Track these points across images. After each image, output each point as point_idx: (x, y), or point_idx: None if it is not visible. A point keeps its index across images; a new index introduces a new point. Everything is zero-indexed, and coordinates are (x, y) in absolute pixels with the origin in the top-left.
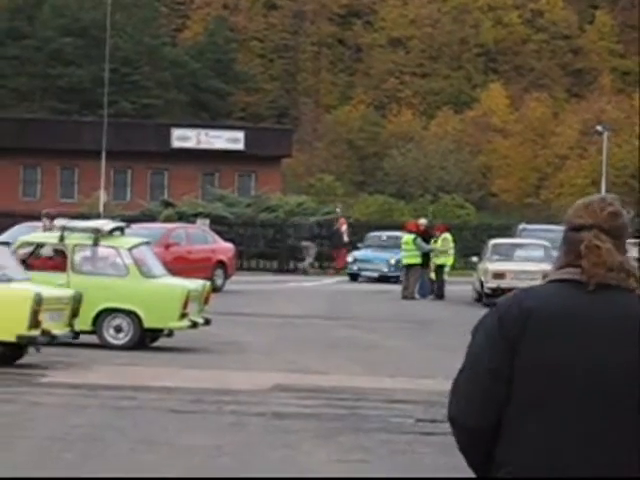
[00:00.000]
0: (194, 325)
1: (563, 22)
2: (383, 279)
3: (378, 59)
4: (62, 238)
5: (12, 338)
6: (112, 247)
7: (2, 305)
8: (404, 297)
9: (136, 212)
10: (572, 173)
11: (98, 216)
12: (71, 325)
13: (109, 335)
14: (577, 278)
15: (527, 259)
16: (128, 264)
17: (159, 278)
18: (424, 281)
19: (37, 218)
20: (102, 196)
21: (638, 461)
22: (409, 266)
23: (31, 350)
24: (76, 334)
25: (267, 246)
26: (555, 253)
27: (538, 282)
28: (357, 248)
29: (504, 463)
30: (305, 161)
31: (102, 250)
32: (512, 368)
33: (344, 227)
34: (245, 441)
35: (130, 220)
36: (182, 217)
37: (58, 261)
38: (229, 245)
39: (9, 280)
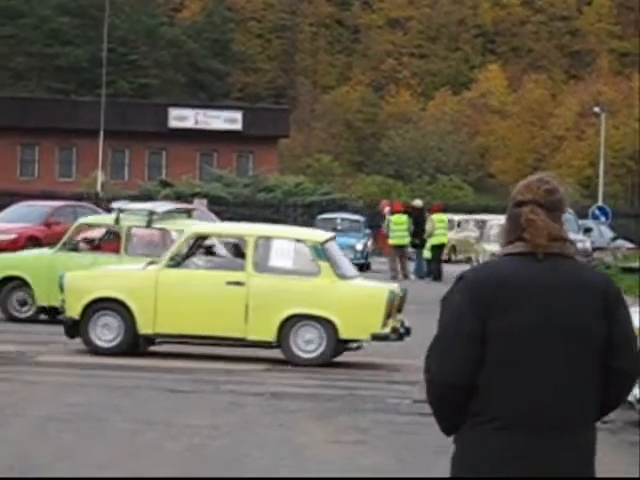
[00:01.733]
0: None
1: (561, 3)
2: None
3: (376, 40)
4: (117, 220)
5: (367, 337)
6: (163, 229)
7: (361, 303)
8: (393, 278)
9: (134, 192)
10: (570, 154)
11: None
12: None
13: None
14: (526, 250)
15: None
16: (178, 247)
17: None
18: (420, 262)
19: (35, 197)
20: (100, 176)
21: (596, 404)
22: (399, 247)
23: (25, 329)
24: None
25: None
26: None
27: None
28: None
29: (478, 412)
30: (303, 141)
31: (154, 232)
32: (484, 332)
33: (387, 208)
34: (243, 421)
35: (128, 200)
36: (180, 197)
37: (113, 243)
38: None
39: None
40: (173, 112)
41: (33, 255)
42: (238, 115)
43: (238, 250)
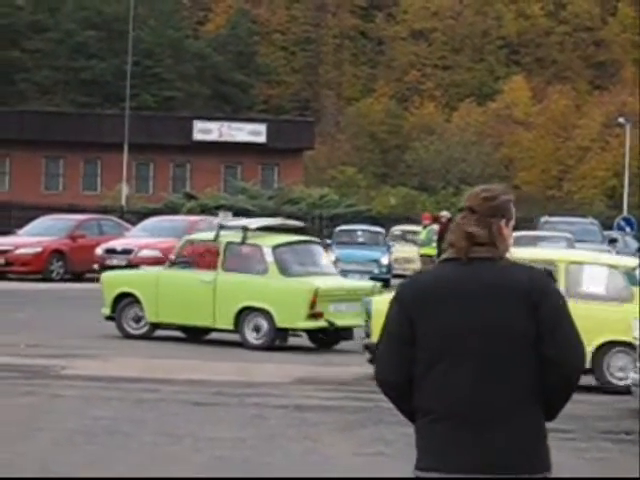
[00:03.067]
0: (331, 325)
1: (585, 14)
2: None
3: (400, 51)
4: (217, 237)
5: None
6: (256, 245)
7: None
8: None
9: (159, 205)
10: (594, 165)
11: (121, 209)
12: None
13: (249, 334)
14: (453, 256)
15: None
16: (269, 262)
17: (297, 277)
18: None
19: (60, 210)
20: (124, 189)
21: (529, 397)
22: (430, 256)
23: (48, 342)
24: None
25: None
26: (578, 245)
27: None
28: (328, 245)
29: (418, 407)
30: (327, 153)
31: (248, 248)
32: (413, 334)
33: (427, 221)
34: (267, 433)
35: (153, 213)
36: (205, 210)
37: (213, 259)
38: None
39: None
40: (197, 125)
41: (144, 272)
42: (262, 127)
43: None
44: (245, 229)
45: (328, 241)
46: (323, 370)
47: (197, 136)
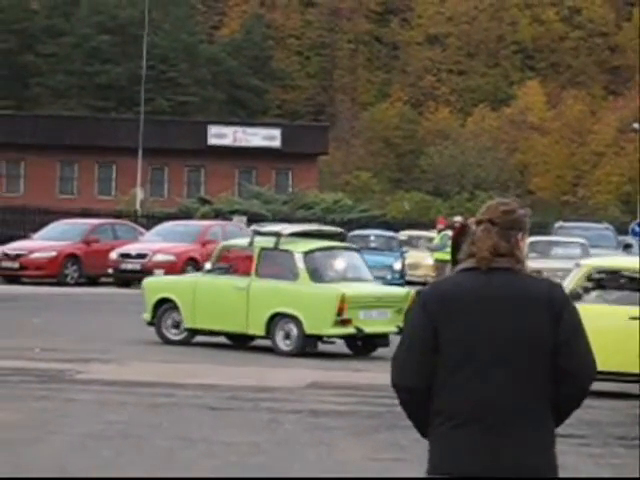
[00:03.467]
0: (360, 332)
1: (600, 19)
2: None
3: (415, 56)
4: (251, 242)
5: None
6: (287, 251)
7: None
8: None
9: (173, 209)
10: (609, 170)
11: (135, 213)
12: None
13: (280, 341)
14: (474, 265)
15: (564, 257)
16: (299, 268)
17: (328, 283)
18: None
19: (74, 215)
20: (139, 193)
21: (545, 404)
22: (444, 262)
23: (63, 346)
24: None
25: None
26: (592, 251)
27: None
28: None
29: (439, 412)
30: (342, 158)
31: (280, 254)
32: (437, 340)
33: (441, 225)
34: (281, 438)
35: (167, 217)
36: (219, 214)
37: (248, 265)
38: None
39: None
40: (212, 129)
41: (182, 277)
42: (277, 132)
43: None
44: (278, 235)
45: None
46: (338, 375)
47: (212, 141)
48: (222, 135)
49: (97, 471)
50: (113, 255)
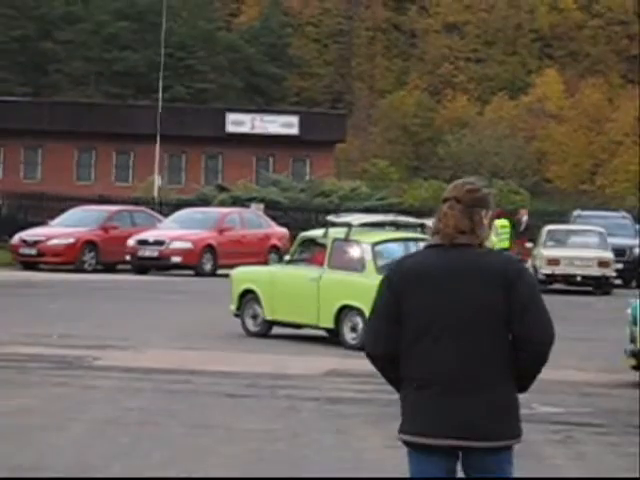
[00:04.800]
0: None
1: (619, 8)
2: None
3: (433, 44)
4: (326, 233)
5: None
6: (357, 242)
7: None
8: None
9: (191, 196)
10: (627, 159)
11: (153, 200)
12: None
13: (347, 334)
14: (438, 242)
15: (582, 245)
16: (367, 260)
17: None
18: None
19: (92, 201)
20: (157, 180)
21: (503, 368)
22: (505, 250)
23: (81, 332)
24: None
25: None
26: (610, 239)
27: (593, 268)
28: None
29: (404, 376)
30: (359, 146)
31: (350, 245)
32: (400, 312)
33: (525, 217)
34: (298, 426)
35: (184, 204)
36: (236, 201)
37: (323, 256)
38: (283, 230)
39: None
40: (230, 117)
41: (264, 268)
42: (295, 120)
43: None
44: (349, 225)
45: None
46: (355, 362)
47: (229, 128)
48: (240, 122)
49: (115, 458)
50: (130, 242)
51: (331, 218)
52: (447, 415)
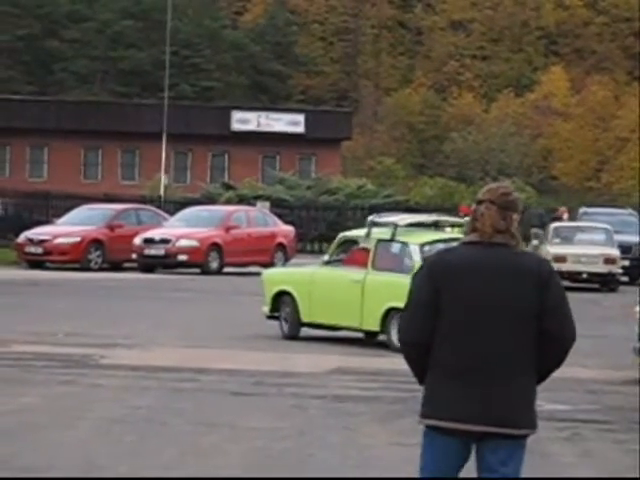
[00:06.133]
0: None
1: (624, 5)
2: None
3: (438, 42)
4: (369, 234)
5: None
6: (404, 243)
7: None
8: None
9: (197, 195)
10: (633, 156)
11: (159, 198)
12: None
13: (395, 337)
14: (476, 239)
15: (588, 242)
16: (414, 261)
17: None
18: None
19: (98, 200)
20: (163, 178)
21: (530, 362)
22: None
23: (87, 331)
24: None
25: (327, 229)
26: (616, 236)
27: (599, 265)
28: None
29: (435, 364)
30: (365, 144)
31: (396, 246)
32: (438, 302)
33: (565, 215)
34: (305, 424)
35: (191, 203)
36: (242, 200)
37: (366, 257)
38: (289, 228)
39: None
40: (236, 115)
41: (300, 269)
42: (300, 118)
43: None
44: (395, 226)
45: None
46: (362, 360)
47: (235, 126)
48: (246, 120)
49: (121, 456)
50: (137, 240)
51: (373, 218)
52: (476, 402)
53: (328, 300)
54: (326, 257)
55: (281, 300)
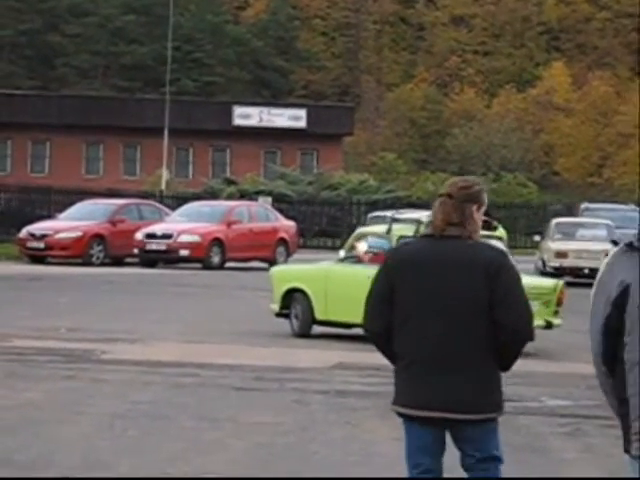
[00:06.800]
0: None
1: (627, 0)
2: None
3: (440, 37)
4: (389, 230)
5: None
6: None
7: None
8: None
9: (198, 190)
10: (635, 152)
11: (161, 193)
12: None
13: None
14: (430, 233)
15: (590, 238)
16: None
17: None
18: None
19: (100, 195)
20: (164, 173)
21: (484, 352)
22: None
23: (89, 326)
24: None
25: (329, 224)
26: (618, 232)
27: (601, 261)
28: None
29: (396, 353)
30: (367, 139)
31: None
32: (392, 295)
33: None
34: (308, 419)
35: (192, 198)
36: (244, 195)
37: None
38: (291, 223)
39: None
40: (237, 110)
41: (314, 266)
42: (302, 113)
43: None
44: (418, 222)
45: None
46: (364, 356)
47: (237, 121)
48: (247, 115)
49: (123, 452)
50: (138, 235)
51: (394, 214)
52: (432, 390)
53: (345, 297)
54: (342, 253)
55: (291, 297)
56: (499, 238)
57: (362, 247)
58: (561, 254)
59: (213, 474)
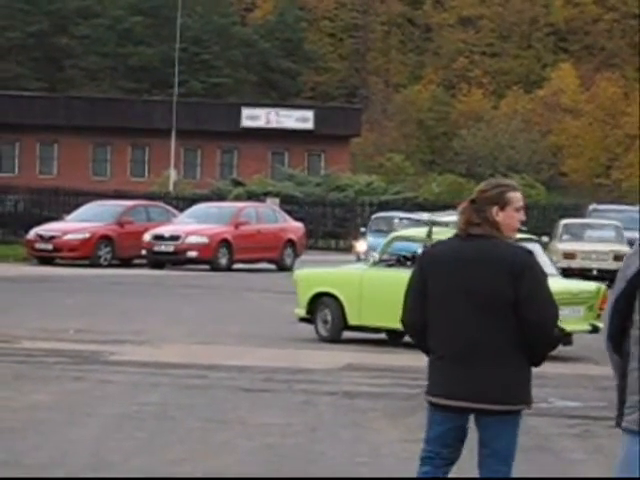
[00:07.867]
0: (561, 331)
1: (634, 1)
2: None
3: (448, 38)
4: (430, 234)
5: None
6: None
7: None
8: None
9: (206, 191)
10: None
11: (168, 194)
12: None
13: None
14: (458, 233)
15: (598, 239)
16: None
17: None
18: None
19: (108, 196)
20: (172, 175)
21: (512, 347)
22: None
23: (97, 327)
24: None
25: (337, 225)
26: (626, 233)
27: (609, 262)
28: (363, 233)
29: (430, 346)
30: (374, 140)
31: None
32: (426, 290)
33: None
34: (316, 420)
35: (200, 199)
36: (252, 196)
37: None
38: (299, 224)
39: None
40: (245, 111)
41: (345, 270)
42: (310, 114)
43: None
44: (431, 224)
45: (363, 229)
46: (372, 357)
47: (245, 123)
48: (255, 117)
49: (131, 453)
50: (146, 237)
51: (432, 217)
52: (461, 381)
53: (382, 302)
54: (376, 256)
55: (319, 302)
56: (535, 241)
57: (362, 247)
58: (569, 255)
59: (222, 475)
